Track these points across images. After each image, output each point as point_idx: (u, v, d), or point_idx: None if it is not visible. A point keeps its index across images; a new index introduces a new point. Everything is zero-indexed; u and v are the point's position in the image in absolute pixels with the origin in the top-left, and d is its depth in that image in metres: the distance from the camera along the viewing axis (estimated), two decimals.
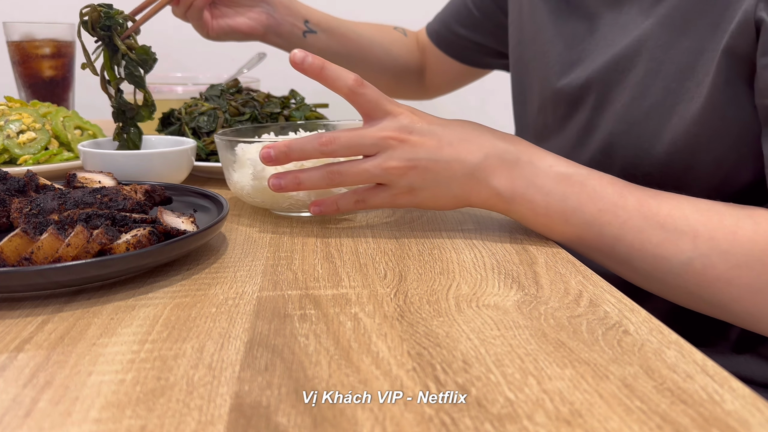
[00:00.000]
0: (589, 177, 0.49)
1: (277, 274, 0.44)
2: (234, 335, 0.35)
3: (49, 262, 0.39)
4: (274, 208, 0.59)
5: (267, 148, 0.50)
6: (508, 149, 0.49)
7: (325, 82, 0.49)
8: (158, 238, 0.44)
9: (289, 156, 0.50)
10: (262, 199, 0.57)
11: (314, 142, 0.49)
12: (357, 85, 0.49)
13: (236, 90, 0.79)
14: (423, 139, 0.49)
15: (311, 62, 0.49)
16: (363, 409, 0.28)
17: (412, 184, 0.50)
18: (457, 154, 0.49)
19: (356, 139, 0.49)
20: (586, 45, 0.64)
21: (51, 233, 0.40)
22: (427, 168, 0.49)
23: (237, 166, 0.57)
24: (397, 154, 0.49)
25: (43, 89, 0.98)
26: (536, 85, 0.71)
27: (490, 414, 0.28)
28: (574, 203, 0.48)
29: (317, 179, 0.51)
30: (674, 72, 0.54)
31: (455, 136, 0.49)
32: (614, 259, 0.48)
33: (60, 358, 0.32)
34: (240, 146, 0.57)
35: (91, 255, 0.41)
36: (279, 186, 0.51)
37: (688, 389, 0.30)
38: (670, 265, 0.46)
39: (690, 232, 0.46)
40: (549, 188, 0.48)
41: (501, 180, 0.49)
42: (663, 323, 0.37)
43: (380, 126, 0.49)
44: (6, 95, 0.82)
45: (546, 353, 0.33)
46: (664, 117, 0.55)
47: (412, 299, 0.40)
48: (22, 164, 0.70)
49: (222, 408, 0.28)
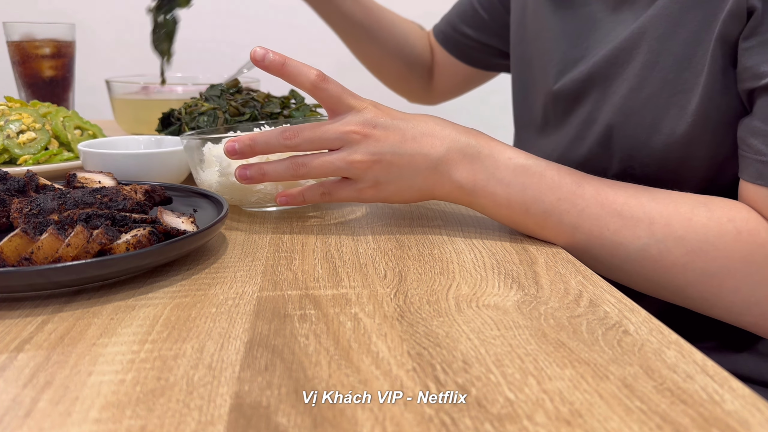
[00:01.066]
0: (548, 168, 0.50)
1: (277, 274, 0.44)
2: (234, 335, 0.35)
3: (49, 262, 0.39)
4: (243, 204, 0.59)
5: (231, 141, 0.51)
6: (469, 143, 0.50)
7: (288, 78, 0.50)
8: (158, 238, 0.44)
9: (253, 149, 0.50)
10: (231, 196, 0.57)
11: (278, 136, 0.50)
12: (319, 80, 0.49)
13: (236, 90, 0.79)
14: (386, 133, 0.50)
15: (272, 59, 0.49)
16: (363, 409, 0.28)
17: (377, 178, 0.51)
18: (420, 148, 0.50)
19: (319, 132, 0.50)
20: (590, 42, 0.64)
21: (51, 233, 0.40)
22: (392, 162, 0.50)
23: (204, 166, 0.58)
24: (361, 148, 0.50)
25: (43, 89, 0.98)
26: (539, 82, 0.71)
27: (490, 414, 0.28)
28: (533, 193, 0.49)
29: (282, 170, 0.51)
30: (671, 63, 0.55)
31: (418, 130, 0.50)
32: (575, 247, 0.50)
33: (60, 358, 0.32)
34: (207, 145, 0.58)
35: (91, 255, 0.41)
36: (245, 176, 0.52)
37: (688, 389, 0.30)
38: (627, 251, 0.48)
39: (646, 219, 0.47)
40: (509, 180, 0.49)
41: (463, 173, 0.50)
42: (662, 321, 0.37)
43: (344, 120, 0.50)
44: (6, 95, 0.82)
45: (546, 353, 0.33)
46: (661, 108, 0.56)
47: (412, 299, 0.40)
48: (22, 164, 0.70)
49: (222, 408, 0.28)
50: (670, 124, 0.55)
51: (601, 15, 0.64)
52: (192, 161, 0.59)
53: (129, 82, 1.00)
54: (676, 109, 0.55)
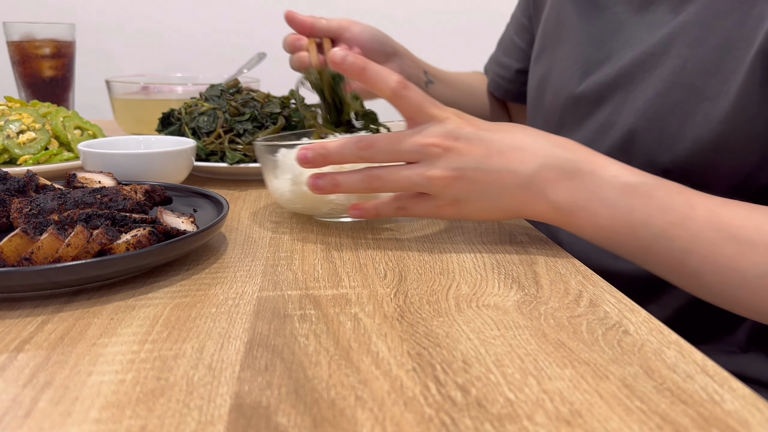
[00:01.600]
0: (657, 187, 0.45)
1: (277, 274, 0.44)
2: (234, 335, 0.35)
3: (49, 262, 0.39)
4: (315, 214, 0.57)
5: (304, 149, 0.48)
6: (567, 157, 0.46)
7: (367, 82, 0.47)
8: (158, 238, 0.44)
9: (326, 158, 0.48)
10: (303, 205, 0.55)
11: (353, 146, 0.47)
12: (400, 87, 0.46)
13: (236, 90, 0.79)
14: (470, 146, 0.46)
15: (352, 61, 0.46)
16: (363, 409, 0.28)
17: (458, 196, 0.47)
18: (508, 163, 0.46)
19: (397, 144, 0.47)
20: (614, 44, 0.63)
21: (51, 233, 0.40)
22: (474, 179, 0.46)
23: (279, 172, 0.55)
24: (441, 162, 0.46)
25: (43, 89, 0.98)
26: (560, 85, 0.70)
27: (490, 414, 0.28)
28: (641, 216, 0.44)
29: (355, 182, 0.48)
30: (699, 69, 0.54)
31: (505, 143, 0.46)
32: (681, 273, 0.45)
33: (60, 358, 0.32)
34: (281, 151, 0.55)
35: (91, 255, 0.41)
36: (317, 186, 0.49)
37: (688, 389, 0.30)
38: (743, 278, 0.43)
39: (764, 244, 0.43)
40: (614, 200, 0.45)
41: (560, 192, 0.46)
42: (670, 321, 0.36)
43: (424, 131, 0.46)
44: (6, 95, 0.82)
45: (546, 353, 0.33)
46: (687, 115, 0.54)
47: (412, 299, 0.40)
48: (22, 164, 0.70)
49: (222, 408, 0.28)
50: (695, 132, 0.54)
51: (624, 16, 0.63)
52: (265, 167, 0.57)
53: (129, 82, 1.00)
54: (702, 116, 0.54)
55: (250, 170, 0.72)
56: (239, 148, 0.72)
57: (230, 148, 0.72)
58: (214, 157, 0.73)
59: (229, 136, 0.73)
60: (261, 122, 0.75)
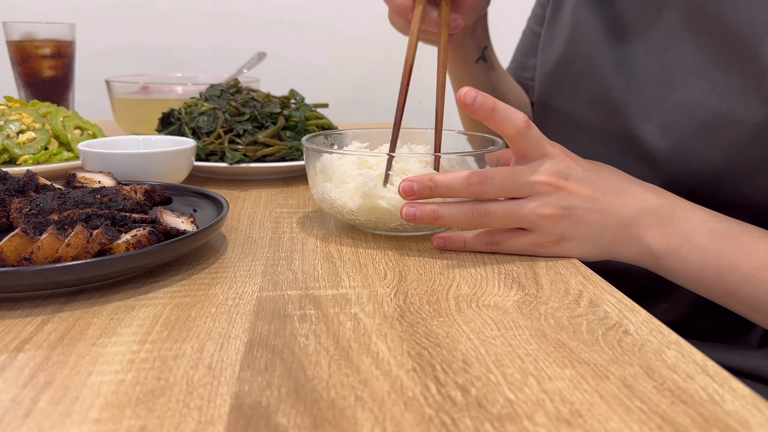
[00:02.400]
0: (742, 232, 0.47)
1: (277, 274, 0.44)
2: (234, 335, 0.35)
3: (49, 262, 0.39)
4: (377, 228, 0.53)
5: (409, 181, 0.47)
6: (661, 204, 0.48)
7: (494, 123, 0.46)
8: (158, 238, 0.44)
9: (433, 192, 0.47)
10: (367, 218, 0.52)
11: (463, 182, 0.46)
12: (525, 127, 0.46)
13: (236, 90, 0.79)
14: (579, 187, 0.47)
15: (482, 102, 0.46)
16: (363, 409, 0.28)
17: (563, 234, 0.47)
18: (612, 205, 0.47)
19: (511, 181, 0.47)
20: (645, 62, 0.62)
21: (51, 233, 0.40)
22: (581, 218, 0.47)
23: (336, 181, 0.53)
24: (552, 200, 0.47)
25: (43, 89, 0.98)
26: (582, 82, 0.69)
27: (490, 414, 0.28)
28: (729, 261, 0.46)
29: (460, 216, 0.47)
30: (727, 92, 0.53)
31: (609, 186, 0.48)
32: (764, 313, 0.47)
33: (60, 358, 0.32)
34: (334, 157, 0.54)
35: (90, 255, 0.41)
36: (412, 216, 0.47)
37: (688, 389, 0.30)
38: None
39: None
40: (704, 245, 0.47)
41: (655, 236, 0.47)
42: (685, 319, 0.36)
43: (537, 169, 0.47)
44: (6, 95, 0.82)
45: (546, 353, 0.33)
46: (713, 137, 0.54)
47: (412, 299, 0.40)
48: (22, 164, 0.70)
49: (222, 408, 0.28)
50: (724, 154, 0.54)
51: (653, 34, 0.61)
52: (312, 170, 0.55)
53: (129, 82, 1.00)
54: (726, 140, 0.53)
55: (250, 170, 0.72)
56: (239, 148, 0.72)
57: (230, 148, 0.72)
58: (214, 157, 0.73)
59: (229, 136, 0.73)
60: (261, 122, 0.75)
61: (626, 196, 0.48)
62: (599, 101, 0.65)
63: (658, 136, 0.58)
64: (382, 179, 0.51)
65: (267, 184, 0.73)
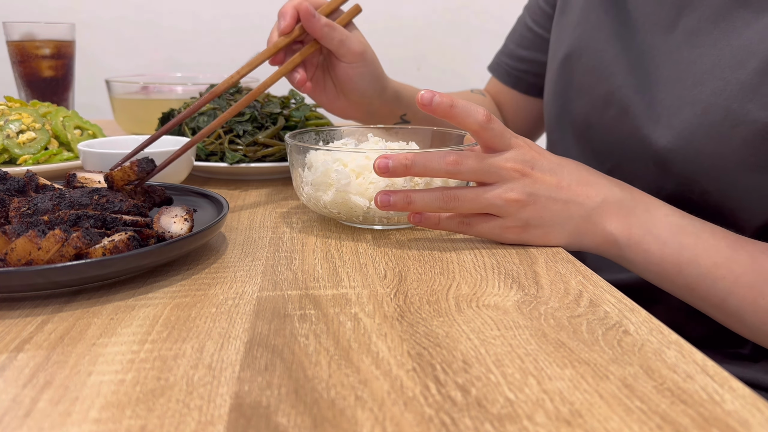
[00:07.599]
0: (703, 229, 0.49)
1: (277, 274, 0.44)
2: (234, 335, 0.35)
3: (22, 265, 0.39)
4: (347, 220, 0.55)
5: (384, 157, 0.48)
6: (625, 196, 0.50)
7: (455, 119, 0.48)
8: (139, 243, 0.43)
9: (408, 170, 0.48)
10: (338, 210, 0.53)
11: (440, 160, 0.48)
12: (487, 120, 0.48)
13: (236, 90, 0.79)
14: (544, 175, 0.49)
15: (439, 101, 0.47)
16: (363, 409, 0.28)
17: (528, 220, 0.49)
18: (576, 195, 0.49)
19: (482, 165, 0.48)
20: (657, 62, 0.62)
21: (26, 236, 0.39)
22: (545, 206, 0.49)
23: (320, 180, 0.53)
24: (518, 186, 0.48)
25: (43, 89, 0.98)
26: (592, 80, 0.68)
27: (490, 414, 0.28)
28: (689, 255, 0.47)
29: (430, 201, 0.49)
30: (737, 92, 0.53)
31: (573, 177, 0.50)
32: (723, 311, 0.48)
33: (60, 358, 0.32)
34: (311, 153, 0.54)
35: (66, 259, 0.40)
36: (387, 203, 0.49)
37: (688, 389, 0.30)
38: None
39: None
40: (665, 238, 0.48)
41: (617, 225, 0.49)
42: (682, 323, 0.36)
43: (505, 156, 0.49)
44: (6, 95, 0.82)
45: (546, 353, 0.33)
46: (725, 137, 0.54)
47: (412, 299, 0.40)
48: (22, 164, 0.70)
49: (222, 408, 0.28)
50: (737, 155, 0.54)
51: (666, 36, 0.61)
52: (294, 165, 0.56)
53: (129, 82, 1.00)
54: (739, 140, 0.53)
55: (250, 170, 0.72)
56: (239, 148, 0.72)
57: (230, 149, 0.72)
58: (214, 157, 0.73)
59: (229, 137, 0.73)
60: (261, 122, 0.75)
61: (590, 187, 0.50)
62: (607, 100, 0.65)
63: (669, 137, 0.58)
64: (356, 174, 0.52)
65: (267, 184, 0.73)
